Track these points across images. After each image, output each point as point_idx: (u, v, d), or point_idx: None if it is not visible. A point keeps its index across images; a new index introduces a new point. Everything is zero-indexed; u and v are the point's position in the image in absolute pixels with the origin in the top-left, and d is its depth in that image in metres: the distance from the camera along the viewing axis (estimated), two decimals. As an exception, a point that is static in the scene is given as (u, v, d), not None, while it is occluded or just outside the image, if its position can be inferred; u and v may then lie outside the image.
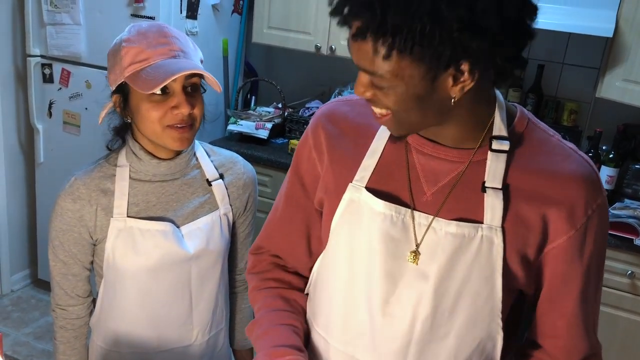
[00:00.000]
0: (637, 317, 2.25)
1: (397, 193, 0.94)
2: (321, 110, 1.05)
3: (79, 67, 2.76)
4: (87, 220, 1.25)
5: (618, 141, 2.50)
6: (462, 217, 0.90)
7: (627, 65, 2.28)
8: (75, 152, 2.86)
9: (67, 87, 2.82)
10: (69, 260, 1.28)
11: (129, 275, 1.26)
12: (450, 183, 0.92)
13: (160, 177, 1.28)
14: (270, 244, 1.13)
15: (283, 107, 3.01)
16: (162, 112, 1.17)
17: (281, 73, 3.26)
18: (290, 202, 1.09)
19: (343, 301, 0.99)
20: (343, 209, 0.96)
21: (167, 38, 1.19)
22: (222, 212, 1.33)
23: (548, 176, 0.89)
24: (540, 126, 0.95)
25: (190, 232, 1.29)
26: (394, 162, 0.95)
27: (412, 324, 0.93)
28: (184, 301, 1.31)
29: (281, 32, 2.88)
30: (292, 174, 1.08)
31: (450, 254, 0.89)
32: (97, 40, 2.68)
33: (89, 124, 2.81)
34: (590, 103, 2.68)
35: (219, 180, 1.33)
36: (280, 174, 2.72)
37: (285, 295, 1.09)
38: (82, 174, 1.27)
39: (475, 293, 0.90)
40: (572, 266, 0.92)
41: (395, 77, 0.78)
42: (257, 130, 2.88)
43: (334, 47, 2.77)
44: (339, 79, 3.05)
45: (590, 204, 0.89)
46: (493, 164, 0.90)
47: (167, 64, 1.15)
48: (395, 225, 0.92)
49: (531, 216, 0.89)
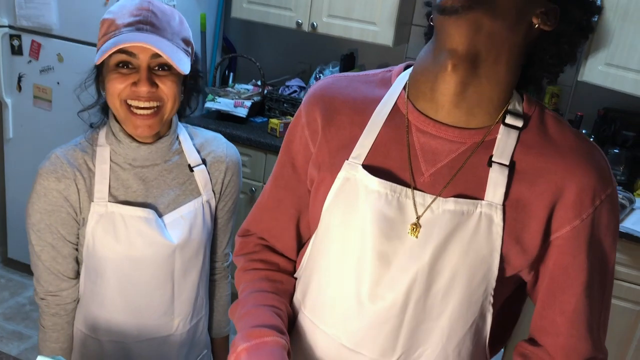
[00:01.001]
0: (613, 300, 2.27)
1: (395, 171, 0.90)
2: (314, 87, 1.00)
3: (51, 39, 2.66)
4: (73, 200, 1.19)
5: (598, 125, 2.52)
6: (462, 195, 0.87)
7: (610, 49, 2.27)
8: (46, 127, 2.77)
9: (37, 60, 2.72)
10: (58, 243, 1.22)
11: (110, 263, 1.22)
12: (449, 164, 0.88)
13: (140, 162, 1.22)
14: (257, 227, 1.09)
15: (262, 85, 2.95)
16: (122, 85, 1.13)
17: (260, 50, 3.19)
18: (280, 184, 1.05)
19: (334, 282, 0.96)
20: (338, 188, 0.92)
21: (142, 11, 1.14)
22: (204, 199, 1.29)
23: (555, 161, 0.86)
24: (549, 111, 0.92)
25: (173, 222, 1.24)
26: (393, 139, 0.91)
27: (404, 305, 0.90)
28: (166, 291, 1.28)
29: (261, 7, 2.81)
30: (283, 154, 1.04)
31: (447, 231, 0.86)
32: (70, 11, 2.58)
33: (61, 98, 2.71)
34: (571, 86, 2.68)
35: (201, 166, 1.29)
36: (260, 154, 2.68)
37: (271, 277, 1.05)
38: (64, 151, 1.21)
39: (471, 273, 0.87)
40: (576, 259, 0.88)
41: None
42: (236, 109, 2.82)
43: (315, 24, 2.71)
44: (320, 57, 2.99)
45: (598, 193, 0.86)
46: (503, 139, 0.87)
47: (125, 36, 1.11)
48: (390, 204, 0.88)
49: (534, 201, 0.86)
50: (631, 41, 2.21)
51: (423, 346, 0.92)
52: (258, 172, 2.71)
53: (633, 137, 2.51)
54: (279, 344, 0.90)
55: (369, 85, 0.97)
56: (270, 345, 0.89)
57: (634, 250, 2.19)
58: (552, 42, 0.86)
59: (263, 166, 2.70)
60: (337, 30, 2.69)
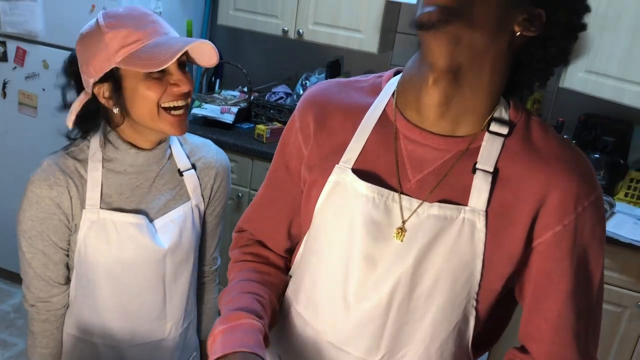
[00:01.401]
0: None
1: (383, 176, 0.92)
2: (308, 93, 1.03)
3: (36, 45, 2.65)
4: (65, 207, 1.19)
5: (579, 131, 2.56)
6: (447, 200, 0.88)
7: (590, 56, 2.32)
8: (31, 134, 2.76)
9: (22, 66, 2.71)
10: (50, 250, 1.22)
11: (102, 269, 1.22)
12: (435, 171, 0.90)
13: (136, 168, 1.23)
14: (251, 225, 1.12)
15: (249, 91, 2.96)
16: (160, 91, 1.14)
17: (247, 56, 3.21)
18: (273, 185, 1.08)
19: (323, 281, 0.98)
20: (329, 191, 0.95)
21: (152, 17, 1.16)
22: (193, 203, 1.31)
23: (539, 168, 0.87)
24: (535, 117, 0.93)
25: (164, 226, 1.26)
26: (381, 145, 0.93)
27: (388, 306, 0.92)
28: (158, 295, 1.29)
29: (248, 14, 2.83)
30: (278, 156, 1.07)
31: (431, 236, 0.88)
32: (56, 18, 2.58)
33: (46, 105, 2.70)
34: (553, 93, 2.72)
35: (190, 171, 1.30)
36: (246, 160, 2.69)
37: (259, 268, 1.08)
38: (56, 158, 1.21)
39: (454, 277, 0.89)
40: (559, 265, 0.88)
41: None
42: (223, 115, 2.83)
43: (301, 32, 2.73)
44: (307, 64, 3.02)
45: (581, 200, 0.86)
46: (488, 146, 0.88)
47: (163, 41, 1.12)
48: (377, 207, 0.91)
49: (517, 208, 0.87)
50: (609, 49, 2.26)
51: (406, 347, 0.94)
52: (245, 177, 2.72)
53: (613, 143, 2.56)
54: (254, 326, 0.91)
55: (360, 91, 0.99)
56: (245, 326, 0.91)
57: (615, 253, 2.23)
58: (539, 46, 0.85)
59: (250, 172, 2.71)
60: (323, 38, 2.72)
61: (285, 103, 2.94)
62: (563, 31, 0.85)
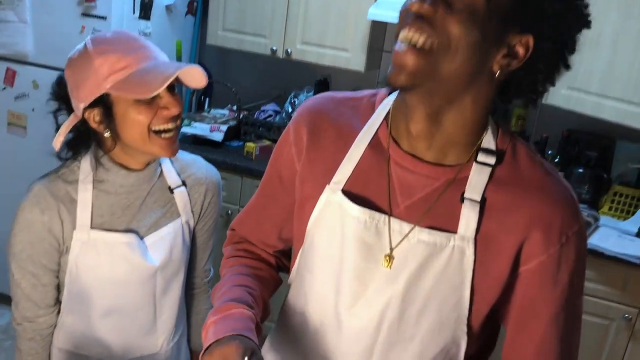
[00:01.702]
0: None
1: (373, 199, 0.94)
2: (304, 106, 1.04)
3: (26, 66, 2.67)
4: (56, 231, 1.21)
5: (563, 146, 2.61)
6: (436, 227, 0.90)
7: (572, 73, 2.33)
8: (20, 154, 2.76)
9: (12, 86, 2.72)
10: (39, 272, 1.23)
11: (93, 288, 1.24)
12: (424, 197, 0.91)
13: (127, 188, 1.24)
14: (242, 229, 1.15)
15: (238, 110, 2.99)
16: (151, 115, 1.14)
17: (236, 75, 3.24)
18: (266, 193, 1.11)
19: (316, 299, 1.00)
20: (320, 210, 0.96)
21: (140, 42, 1.16)
22: (183, 219, 1.32)
23: (525, 198, 0.88)
24: (523, 144, 0.94)
25: (154, 243, 1.27)
26: (373, 169, 0.95)
27: (378, 326, 0.94)
28: (149, 311, 1.30)
29: (236, 34, 2.86)
30: (271, 165, 1.09)
31: (421, 261, 0.90)
32: (46, 39, 2.60)
33: (36, 125, 2.71)
34: (537, 109, 2.78)
35: (181, 188, 1.31)
36: (236, 177, 2.70)
37: (250, 264, 1.10)
38: (47, 182, 1.21)
39: (443, 301, 0.91)
40: (543, 291, 0.91)
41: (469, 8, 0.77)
42: (212, 133, 2.85)
43: (289, 51, 2.77)
44: (295, 82, 3.05)
45: (565, 230, 0.88)
46: (475, 176, 0.89)
47: (153, 67, 1.13)
48: (368, 230, 0.92)
49: (503, 237, 0.89)
50: (590, 66, 2.32)
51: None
52: (234, 195, 2.73)
53: (596, 157, 2.61)
54: (244, 314, 0.92)
55: (354, 110, 1.00)
56: (236, 315, 0.92)
57: (600, 265, 2.26)
58: (525, 74, 0.85)
59: (239, 189, 2.72)
60: (311, 57, 2.76)
61: (274, 121, 2.97)
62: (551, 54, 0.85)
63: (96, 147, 1.22)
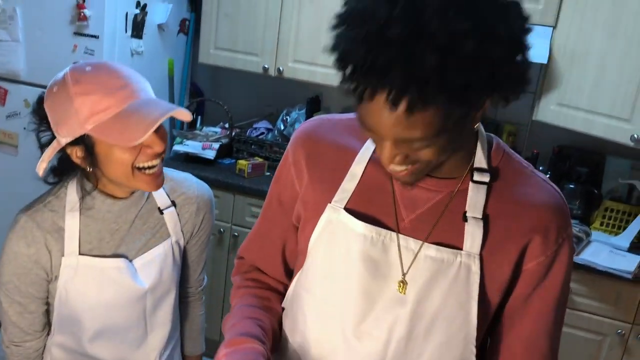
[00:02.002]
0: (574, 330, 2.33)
1: (377, 216, 0.95)
2: (301, 129, 1.05)
3: (18, 85, 2.67)
4: (43, 262, 1.21)
5: (554, 162, 2.63)
6: (442, 243, 0.92)
7: (561, 90, 2.40)
8: (12, 173, 2.75)
9: (3, 105, 2.72)
10: (25, 300, 1.24)
11: (83, 311, 1.24)
12: (428, 211, 0.93)
13: (114, 214, 1.24)
14: (248, 255, 1.17)
15: (230, 127, 3.00)
16: (134, 154, 1.11)
17: (228, 93, 3.25)
18: (267, 216, 1.12)
19: (318, 319, 1.00)
20: (321, 229, 0.97)
21: (122, 79, 1.09)
22: (173, 240, 1.31)
23: (524, 206, 0.93)
24: (515, 157, 0.98)
25: (144, 265, 1.26)
26: (375, 186, 0.96)
27: (386, 344, 0.94)
28: (140, 328, 1.30)
29: (228, 53, 2.88)
30: (272, 189, 1.11)
31: (428, 277, 0.91)
32: (38, 58, 2.61)
33: (27, 144, 2.69)
34: (527, 125, 2.80)
35: (170, 208, 1.31)
36: (228, 195, 2.70)
37: (259, 294, 1.11)
38: (33, 213, 1.20)
39: (450, 318, 0.92)
40: (537, 289, 0.95)
41: (441, 133, 0.77)
42: (204, 151, 2.85)
43: (281, 69, 2.79)
44: (287, 100, 3.07)
45: (561, 232, 0.94)
46: (474, 195, 0.92)
47: (137, 108, 1.08)
48: (375, 246, 0.93)
49: (508, 245, 0.92)
50: (579, 83, 2.35)
51: None
52: (226, 213, 2.73)
53: (586, 173, 2.63)
54: (256, 350, 0.93)
55: (351, 130, 1.01)
56: (248, 349, 0.93)
57: (592, 281, 2.27)
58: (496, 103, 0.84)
59: (231, 207, 2.72)
60: (303, 75, 2.78)
61: (267, 138, 2.98)
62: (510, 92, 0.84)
63: (82, 177, 1.21)
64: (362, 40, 0.72)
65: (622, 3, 2.20)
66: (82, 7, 2.48)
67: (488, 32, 0.72)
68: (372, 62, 0.71)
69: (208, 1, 2.85)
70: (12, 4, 2.59)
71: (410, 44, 0.69)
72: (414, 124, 0.75)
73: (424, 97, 0.71)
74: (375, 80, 0.72)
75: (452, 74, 0.70)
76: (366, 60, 0.71)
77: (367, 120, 0.79)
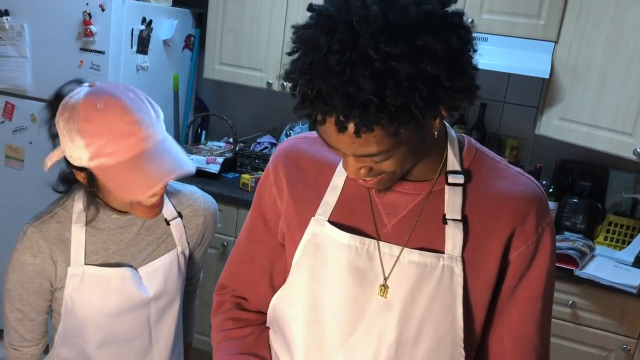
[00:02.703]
0: (579, 345, 2.32)
1: (359, 226, 0.97)
2: (280, 148, 1.07)
3: (25, 100, 2.70)
4: (48, 272, 1.23)
5: (557, 176, 2.63)
6: (425, 247, 0.93)
7: (563, 104, 2.41)
8: (18, 187, 2.77)
9: (10, 120, 2.75)
10: (26, 308, 1.26)
11: (88, 320, 1.25)
12: (409, 214, 0.95)
13: (120, 225, 1.26)
14: (233, 281, 1.14)
15: (234, 142, 3.01)
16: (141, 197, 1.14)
17: (232, 108, 3.28)
18: (252, 238, 1.10)
19: (306, 332, 1.00)
20: (306, 243, 0.98)
21: (131, 124, 1.08)
22: (179, 250, 1.33)
23: (501, 200, 0.94)
24: (488, 154, 1.00)
25: (149, 274, 1.28)
26: (355, 196, 0.98)
27: (377, 351, 0.95)
28: (144, 339, 1.31)
29: (232, 68, 2.91)
30: (254, 209, 1.10)
31: (413, 282, 0.92)
32: (44, 73, 2.64)
33: (33, 158, 2.72)
34: (530, 140, 2.81)
35: (177, 219, 1.32)
36: (231, 209, 2.71)
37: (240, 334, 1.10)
38: (39, 224, 1.22)
39: (438, 322, 0.93)
40: (522, 280, 0.96)
41: (397, 146, 0.81)
42: (208, 165, 2.86)
43: (285, 84, 2.81)
44: (290, 115, 3.06)
45: (540, 222, 0.95)
46: (451, 197, 0.94)
47: (143, 163, 1.08)
48: (360, 256, 0.95)
49: (490, 242, 0.94)
50: (581, 97, 2.36)
51: None
52: (230, 227, 2.73)
53: (590, 187, 2.63)
54: None
55: None
56: None
57: (596, 296, 2.26)
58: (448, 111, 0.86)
59: (235, 221, 2.72)
60: (306, 89, 2.79)
61: (270, 153, 2.99)
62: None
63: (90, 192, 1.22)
64: (307, 70, 0.76)
65: (622, 17, 2.22)
66: (89, 23, 2.51)
67: (424, 51, 0.74)
68: (318, 90, 0.75)
69: (213, 17, 2.89)
70: (20, 21, 2.63)
71: (349, 70, 0.73)
72: (366, 142, 0.79)
73: (365, 120, 0.75)
74: (321, 106, 0.76)
75: (390, 97, 0.73)
76: (312, 89, 0.76)
77: (326, 139, 0.83)
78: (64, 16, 2.56)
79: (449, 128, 0.97)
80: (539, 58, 2.40)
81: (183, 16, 2.97)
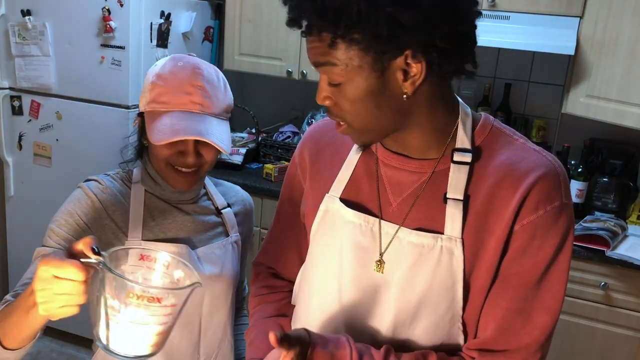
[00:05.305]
0: (613, 327, 2.28)
1: (366, 204, 0.97)
2: (308, 130, 1.12)
3: (50, 98, 2.74)
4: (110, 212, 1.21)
5: (586, 155, 2.57)
6: (425, 227, 0.92)
7: (590, 81, 2.35)
8: (46, 184, 2.82)
9: (37, 118, 2.79)
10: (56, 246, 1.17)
11: None
12: (414, 193, 0.94)
13: (176, 199, 1.28)
14: (266, 258, 1.20)
15: (257, 132, 3.02)
16: (170, 152, 1.18)
17: (254, 98, 3.28)
18: (281, 218, 1.17)
19: (315, 309, 1.02)
20: (320, 219, 1.01)
21: (194, 87, 1.17)
22: (232, 239, 1.34)
23: (506, 178, 0.88)
24: (505, 131, 0.94)
25: (206, 256, 1.27)
26: (365, 174, 0.99)
27: (376, 330, 0.96)
28: (194, 329, 1.28)
29: (252, 58, 2.90)
30: (283, 190, 1.16)
31: (411, 263, 0.91)
32: (68, 71, 2.67)
33: (60, 155, 2.76)
34: (557, 119, 2.75)
35: (228, 209, 1.35)
36: (256, 199, 2.71)
37: (275, 298, 1.15)
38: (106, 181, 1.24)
39: (436, 303, 0.92)
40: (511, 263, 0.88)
41: (347, 68, 0.82)
42: (232, 156, 2.87)
43: (305, 72, 2.80)
44: (312, 103, 3.06)
45: (543, 203, 0.86)
46: (455, 175, 0.91)
47: (179, 119, 1.15)
48: (364, 234, 0.95)
49: (493, 222, 0.88)
50: (609, 73, 2.29)
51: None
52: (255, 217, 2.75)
53: (621, 165, 2.56)
54: None
55: None
56: None
57: (629, 277, 2.21)
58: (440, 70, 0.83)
59: (259, 211, 2.74)
60: (327, 77, 2.78)
61: (293, 142, 2.99)
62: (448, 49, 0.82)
63: (148, 160, 1.26)
64: None
65: (651, -10, 2.15)
66: (108, 19, 2.53)
67: None
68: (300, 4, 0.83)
69: (231, 8, 2.88)
70: (42, 20, 2.66)
71: None
72: (319, 49, 0.84)
73: (309, 16, 0.81)
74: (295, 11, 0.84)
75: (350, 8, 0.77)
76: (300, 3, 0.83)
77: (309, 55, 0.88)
78: (84, 13, 2.58)
79: (463, 104, 0.94)
80: (563, 34, 2.34)
81: (201, 8, 2.97)
